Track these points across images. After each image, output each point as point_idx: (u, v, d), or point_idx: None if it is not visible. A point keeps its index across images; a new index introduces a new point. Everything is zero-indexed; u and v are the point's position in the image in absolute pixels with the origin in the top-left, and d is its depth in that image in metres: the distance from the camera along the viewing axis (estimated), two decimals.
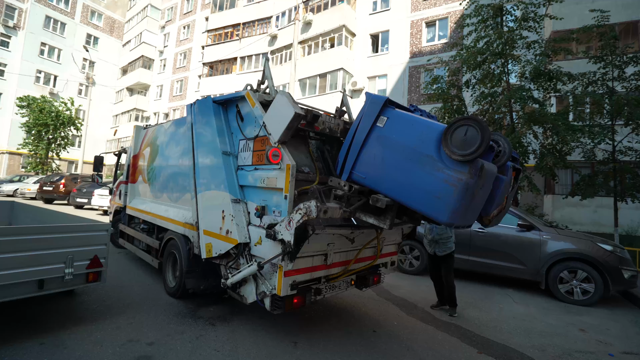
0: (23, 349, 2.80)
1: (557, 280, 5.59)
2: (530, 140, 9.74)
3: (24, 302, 3.73)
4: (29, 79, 29.65)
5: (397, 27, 19.12)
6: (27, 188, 18.69)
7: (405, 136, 2.63)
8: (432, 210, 2.41)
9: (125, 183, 6.56)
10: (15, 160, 29.05)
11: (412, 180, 2.49)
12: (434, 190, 2.37)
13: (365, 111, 2.90)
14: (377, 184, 2.72)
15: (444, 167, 2.36)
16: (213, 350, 3.04)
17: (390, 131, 2.72)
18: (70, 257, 3.11)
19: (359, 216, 2.82)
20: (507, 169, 2.78)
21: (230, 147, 3.72)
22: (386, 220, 2.67)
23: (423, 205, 2.44)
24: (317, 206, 2.52)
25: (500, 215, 2.99)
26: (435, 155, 2.42)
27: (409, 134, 2.62)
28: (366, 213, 2.82)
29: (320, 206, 2.54)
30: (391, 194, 2.62)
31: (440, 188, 2.34)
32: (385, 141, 2.72)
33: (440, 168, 2.37)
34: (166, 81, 31.15)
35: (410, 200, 2.52)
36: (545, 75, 9.15)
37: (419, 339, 3.67)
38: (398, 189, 2.57)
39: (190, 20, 30.18)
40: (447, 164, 2.35)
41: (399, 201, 2.61)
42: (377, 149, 2.76)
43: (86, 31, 33.74)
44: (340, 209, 2.70)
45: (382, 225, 2.68)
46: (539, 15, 9.33)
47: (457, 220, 2.37)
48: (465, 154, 2.26)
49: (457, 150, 2.30)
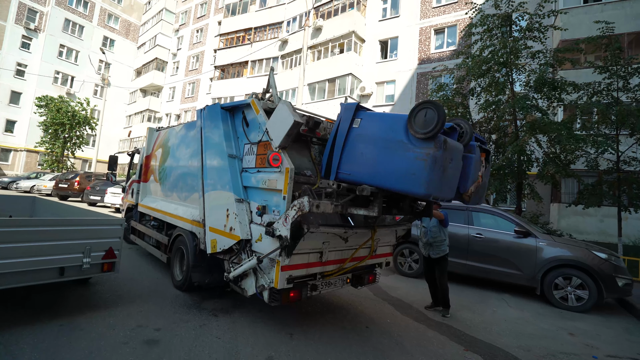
0: (44, 329, 3.09)
1: (552, 286, 5.71)
2: (534, 149, 9.83)
3: (46, 289, 4.06)
4: (48, 79, 30.68)
5: (406, 34, 19.34)
6: (44, 185, 19.36)
7: (378, 130, 2.98)
8: (410, 186, 2.67)
9: (138, 182, 6.91)
10: (33, 157, 30.02)
11: (390, 165, 2.79)
12: (408, 168, 2.66)
13: (341, 117, 3.22)
14: (361, 177, 2.99)
15: (413, 147, 2.67)
16: (215, 337, 3.29)
17: (365, 129, 3.06)
18: (88, 247, 3.41)
19: (350, 211, 3.06)
20: (474, 148, 3.10)
21: (235, 150, 3.99)
22: (374, 207, 2.93)
23: (402, 184, 2.71)
24: (309, 201, 2.80)
25: (480, 192, 3.27)
26: (404, 139, 2.74)
27: (380, 127, 2.97)
28: (356, 207, 3.07)
29: (312, 201, 2.81)
30: (374, 182, 2.89)
31: (413, 165, 2.64)
32: (362, 138, 3.04)
33: (410, 149, 2.68)
34: (178, 83, 31.86)
35: (391, 183, 2.80)
36: (550, 84, 9.26)
37: (409, 335, 3.86)
38: (380, 176, 2.85)
39: (204, 24, 30.88)
40: (416, 144, 2.67)
41: (382, 187, 2.87)
42: (356, 147, 3.07)
43: (103, 34, 34.77)
44: (331, 204, 2.96)
45: (372, 213, 2.92)
46: (543, 26, 9.45)
47: (434, 191, 2.61)
48: (427, 131, 2.59)
49: (420, 130, 2.64)
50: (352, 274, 4.16)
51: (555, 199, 14.28)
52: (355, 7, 19.96)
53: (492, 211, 6.67)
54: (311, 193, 2.86)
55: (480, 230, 6.47)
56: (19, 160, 29.86)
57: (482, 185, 3.26)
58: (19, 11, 29.77)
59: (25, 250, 3.03)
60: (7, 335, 2.92)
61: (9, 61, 29.14)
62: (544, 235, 6.16)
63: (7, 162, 29.50)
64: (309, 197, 2.82)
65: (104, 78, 26.19)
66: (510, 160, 9.22)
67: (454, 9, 17.85)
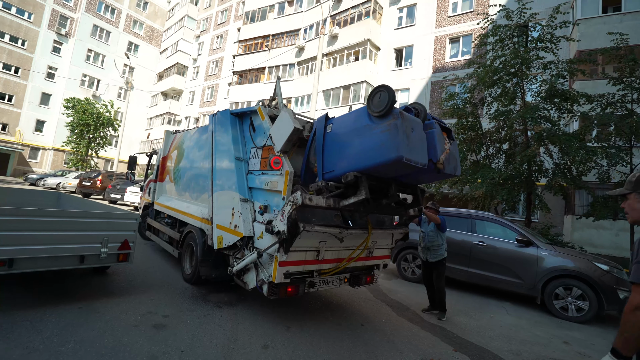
0: (65, 310, 3.44)
1: (553, 296, 5.74)
2: (545, 159, 9.80)
3: (68, 277, 4.44)
4: (76, 82, 32.26)
5: (421, 43, 19.48)
6: (68, 182, 20.36)
7: (346, 125, 3.37)
8: (384, 155, 2.97)
9: (154, 181, 7.33)
10: (59, 156, 31.51)
11: (363, 146, 3.14)
12: (379, 142, 3.01)
13: (316, 127, 3.60)
14: (344, 169, 3.26)
15: (376, 125, 3.07)
16: (217, 326, 3.56)
17: (336, 129, 3.44)
18: (106, 239, 3.76)
19: (342, 203, 3.29)
20: (432, 124, 3.45)
21: (243, 153, 4.30)
22: (361, 191, 3.16)
23: (377, 157, 3.01)
24: (301, 195, 3.08)
25: (451, 161, 3.56)
26: (369, 122, 3.13)
27: (348, 122, 3.38)
28: (347, 198, 3.32)
29: (304, 195, 3.09)
30: (355, 167, 3.17)
31: (381, 137, 3.00)
32: (336, 137, 3.40)
33: (375, 127, 3.07)
34: (198, 87, 32.88)
35: (368, 161, 3.09)
36: (561, 95, 9.24)
37: (401, 334, 4.03)
38: (358, 160, 3.17)
39: (224, 31, 31.85)
40: (378, 122, 3.07)
41: (363, 168, 3.15)
42: (333, 146, 3.40)
43: (128, 39, 36.35)
44: (323, 197, 3.23)
45: (361, 197, 3.15)
46: (555, 37, 9.46)
47: (405, 153, 2.89)
48: (382, 108, 3.03)
49: (376, 109, 3.07)
50: (350, 274, 4.38)
51: (569, 211, 14.03)
52: (372, 15, 20.25)
53: (495, 219, 6.74)
54: (303, 189, 3.12)
55: (482, 238, 6.54)
56: (47, 159, 31.40)
57: (451, 156, 3.56)
58: (52, 17, 31.52)
59: (52, 239, 3.40)
60: (34, 314, 3.27)
61: (41, 64, 30.84)
62: (546, 245, 6.19)
63: (36, 160, 31.07)
64: (301, 191, 3.09)
65: (127, 81, 27.41)
66: (519, 169, 9.22)
67: (470, 18, 17.89)
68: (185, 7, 34.76)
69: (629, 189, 1.66)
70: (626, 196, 1.69)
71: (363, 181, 3.19)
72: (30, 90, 30.32)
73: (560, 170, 9.06)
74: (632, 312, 1.46)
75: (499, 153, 10.79)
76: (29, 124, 30.37)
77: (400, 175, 3.46)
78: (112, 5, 34.90)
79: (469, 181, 9.87)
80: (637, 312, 1.44)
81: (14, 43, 29.32)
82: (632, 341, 1.45)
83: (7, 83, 29.08)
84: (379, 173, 3.27)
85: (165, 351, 2.88)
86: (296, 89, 23.50)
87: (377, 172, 3.23)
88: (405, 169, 3.12)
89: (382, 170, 3.15)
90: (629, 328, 1.46)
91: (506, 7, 9.97)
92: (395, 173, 3.34)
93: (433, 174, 3.50)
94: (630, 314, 1.47)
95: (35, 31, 30.54)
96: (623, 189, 1.72)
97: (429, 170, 3.39)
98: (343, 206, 3.34)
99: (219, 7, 33.06)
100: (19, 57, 29.62)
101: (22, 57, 29.77)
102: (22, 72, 29.86)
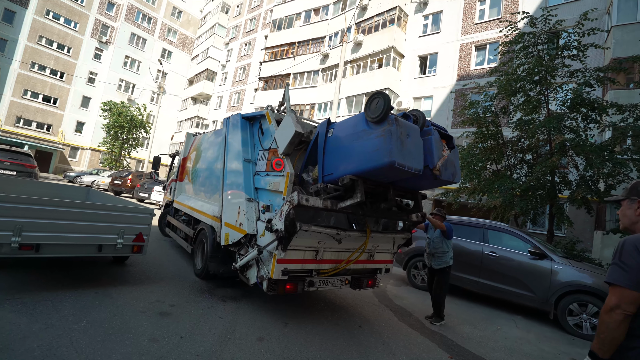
0: (83, 294, 3.76)
1: (566, 312, 5.53)
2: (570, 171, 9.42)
3: (89, 265, 4.81)
4: (113, 86, 34.32)
5: (446, 50, 19.28)
6: (102, 180, 21.61)
7: (346, 129, 3.49)
8: (378, 160, 3.05)
9: (175, 181, 7.73)
10: (95, 156, 33.51)
11: (359, 150, 3.25)
12: (373, 146, 3.11)
13: (319, 132, 3.73)
14: (342, 172, 3.38)
15: (373, 130, 3.16)
16: (218, 317, 3.76)
17: (337, 133, 3.57)
18: (122, 230, 4.07)
19: (340, 205, 3.40)
20: (431, 130, 3.52)
21: (251, 155, 4.51)
22: (357, 194, 3.25)
23: (371, 161, 3.11)
24: (298, 195, 3.22)
25: (449, 168, 3.59)
26: (366, 127, 3.24)
27: (347, 127, 3.49)
28: (344, 200, 3.42)
29: (301, 195, 3.23)
30: (352, 170, 3.28)
31: (376, 142, 3.09)
32: (336, 140, 3.53)
33: (371, 132, 3.17)
34: (225, 92, 34.03)
35: (363, 165, 3.19)
36: (588, 105, 8.88)
37: (398, 338, 4.05)
38: (354, 163, 3.28)
39: (252, 38, 32.87)
40: (374, 128, 3.16)
41: (358, 171, 3.25)
42: (333, 150, 3.53)
43: (162, 46, 38.27)
44: (320, 199, 3.36)
45: (356, 199, 3.24)
46: (583, 44, 9.14)
47: (397, 159, 2.97)
48: (378, 114, 3.12)
49: (372, 114, 3.17)
50: (351, 276, 4.46)
51: (599, 227, 13.33)
52: (396, 23, 20.28)
53: (508, 230, 6.58)
54: (300, 190, 3.26)
55: (494, 249, 6.41)
56: (85, 158, 33.48)
57: (449, 162, 3.59)
58: (95, 26, 33.81)
59: (74, 228, 3.74)
60: (55, 295, 3.61)
61: (83, 70, 33.09)
62: (561, 258, 5.97)
63: (75, 159, 33.20)
64: (298, 192, 3.24)
65: (160, 86, 28.82)
66: (540, 180, 8.91)
67: (497, 25, 17.50)
68: (217, 16, 36.21)
69: (624, 196, 1.69)
70: (620, 202, 1.71)
71: (359, 184, 3.29)
72: (73, 94, 32.54)
73: (584, 183, 8.67)
74: (608, 313, 1.46)
75: (521, 163, 10.47)
76: (70, 125, 32.54)
77: (397, 180, 3.54)
78: (149, 15, 36.94)
79: (486, 191, 9.64)
80: (612, 314, 1.44)
81: (60, 50, 31.66)
82: (607, 343, 1.45)
83: (53, 87, 31.38)
84: (375, 177, 3.36)
85: (165, 336, 3.09)
86: (320, 95, 23.82)
87: (373, 176, 3.33)
88: (400, 174, 3.20)
89: (377, 174, 3.25)
90: (605, 329, 1.46)
91: (530, 15, 9.74)
92: (391, 178, 3.41)
93: (430, 180, 3.56)
94: (605, 315, 1.47)
95: (79, 39, 32.83)
96: (619, 195, 1.74)
97: (426, 176, 3.45)
98: (340, 208, 3.45)
99: (248, 15, 34.20)
100: (64, 63, 31.91)
101: (67, 63, 32.06)
102: (67, 77, 32.13)
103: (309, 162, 3.97)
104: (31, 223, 3.50)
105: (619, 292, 1.44)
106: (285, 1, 28.18)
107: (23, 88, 29.58)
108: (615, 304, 1.44)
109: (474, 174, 10.00)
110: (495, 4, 18.11)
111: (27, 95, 29.91)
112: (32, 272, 4.23)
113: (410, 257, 7.34)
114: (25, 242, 3.49)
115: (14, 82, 29.07)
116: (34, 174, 11.05)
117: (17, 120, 29.43)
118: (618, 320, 1.42)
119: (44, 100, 30.91)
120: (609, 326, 1.44)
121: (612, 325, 1.43)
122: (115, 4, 35.22)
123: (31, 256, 3.54)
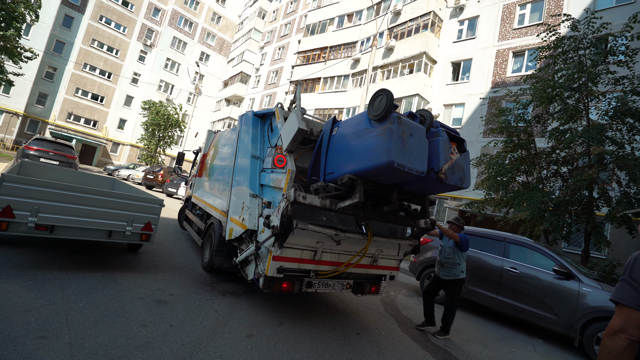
0: (90, 276, 3.92)
1: (594, 341, 5.03)
2: (611, 188, 8.68)
3: (105, 250, 5.03)
4: (154, 87, 36.27)
5: (481, 56, 18.57)
6: (137, 175, 22.80)
7: (349, 127, 3.41)
8: (376, 159, 2.95)
9: (195, 176, 7.96)
10: (134, 151, 35.49)
11: (359, 149, 3.17)
12: (373, 145, 3.02)
13: (324, 130, 3.68)
14: (343, 171, 3.29)
15: (374, 129, 3.09)
16: (213, 310, 3.77)
17: (340, 131, 3.50)
18: (131, 219, 4.22)
19: (339, 205, 3.31)
20: (439, 132, 3.34)
21: (260, 152, 4.53)
22: (356, 194, 3.15)
23: (370, 160, 3.01)
24: (295, 192, 3.17)
25: (456, 172, 3.37)
26: (368, 126, 3.18)
27: (351, 125, 3.41)
28: (343, 200, 3.33)
29: (298, 192, 3.18)
30: (351, 169, 3.19)
31: (376, 141, 3.00)
32: (339, 139, 3.46)
33: (372, 131, 3.09)
34: (258, 95, 34.85)
35: (362, 164, 3.09)
36: (636, 115, 8.16)
37: (396, 350, 3.86)
38: (354, 162, 3.19)
39: (285, 43, 33.50)
40: (376, 126, 3.09)
41: (357, 171, 3.15)
42: (336, 148, 3.46)
43: (201, 49, 39.98)
44: (318, 197, 3.29)
45: (355, 200, 3.13)
46: (631, 49, 8.43)
47: (396, 159, 2.85)
48: (380, 112, 3.04)
49: (374, 112, 3.10)
50: (353, 281, 4.33)
51: None
52: (430, 28, 19.84)
53: (532, 245, 6.13)
54: (299, 187, 3.21)
55: (515, 264, 5.99)
56: (124, 153, 35.57)
57: (457, 166, 3.38)
58: (141, 30, 35.98)
59: (87, 212, 3.93)
60: (64, 275, 3.79)
61: (128, 71, 35.29)
62: (591, 280, 5.46)
63: (116, 153, 35.35)
64: (295, 189, 3.19)
65: (196, 87, 30.13)
66: (575, 194, 8.27)
67: (537, 31, 16.60)
68: (253, 21, 37.32)
69: None
70: None
71: (358, 184, 3.19)
72: (117, 93, 34.75)
73: (626, 199, 7.94)
74: (611, 337, 1.25)
75: (555, 177, 9.78)
76: (113, 121, 34.74)
77: (400, 182, 3.40)
78: (190, 20, 38.78)
79: (514, 204, 9.07)
80: (615, 338, 1.23)
81: (110, 52, 34.00)
82: None
83: (101, 86, 33.71)
84: (376, 177, 3.24)
85: (156, 323, 3.14)
86: (349, 100, 23.76)
87: (373, 176, 3.21)
88: (400, 175, 3.06)
89: (376, 174, 3.13)
90: (606, 355, 1.25)
91: (572, 17, 9.13)
92: (392, 179, 3.28)
93: (436, 183, 3.37)
94: (607, 339, 1.26)
95: (126, 42, 35.08)
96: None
97: (431, 179, 3.28)
98: (339, 208, 3.36)
99: (283, 20, 34.93)
100: (112, 64, 34.21)
101: (114, 64, 34.35)
102: (113, 77, 34.41)
103: (316, 161, 3.91)
104: (47, 205, 3.71)
105: (626, 312, 1.23)
106: (320, 6, 28.49)
107: (75, 87, 32.01)
108: (620, 326, 1.22)
109: (500, 184, 9.48)
110: (537, 8, 17.21)
111: (78, 93, 32.31)
112: (50, 252, 4.48)
113: (425, 267, 7.04)
114: (41, 222, 3.71)
115: (68, 81, 31.53)
116: (74, 165, 11.90)
117: (68, 116, 31.84)
118: (622, 346, 1.20)
119: (92, 98, 33.25)
120: (611, 352, 1.23)
121: (614, 352, 1.22)
122: (160, 10, 37.30)
123: (46, 236, 3.76)
